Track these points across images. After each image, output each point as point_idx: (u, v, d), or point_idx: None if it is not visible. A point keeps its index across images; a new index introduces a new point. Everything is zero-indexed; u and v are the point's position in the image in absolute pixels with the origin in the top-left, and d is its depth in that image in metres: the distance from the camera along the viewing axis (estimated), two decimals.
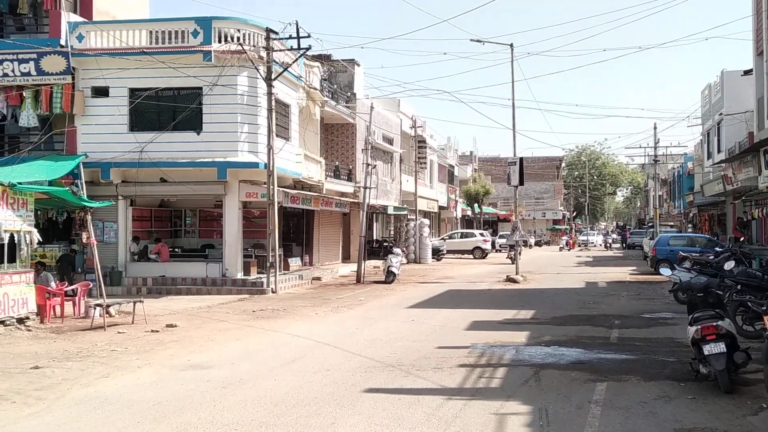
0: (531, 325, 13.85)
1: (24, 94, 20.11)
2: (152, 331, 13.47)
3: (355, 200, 29.74)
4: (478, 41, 28.20)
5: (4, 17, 21.11)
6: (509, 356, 10.44)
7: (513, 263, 26.79)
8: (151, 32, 20.56)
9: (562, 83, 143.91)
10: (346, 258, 32.33)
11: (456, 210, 58.73)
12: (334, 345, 11.60)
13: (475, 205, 58.68)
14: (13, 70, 19.89)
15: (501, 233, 58.04)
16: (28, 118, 20.23)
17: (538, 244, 63.04)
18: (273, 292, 20.37)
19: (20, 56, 19.82)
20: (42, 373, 9.70)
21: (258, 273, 21.63)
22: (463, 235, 44.97)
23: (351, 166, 31.39)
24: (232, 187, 20.81)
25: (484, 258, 41.21)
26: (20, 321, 13.80)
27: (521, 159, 26.09)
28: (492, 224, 68.78)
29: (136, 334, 13.20)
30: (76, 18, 20.62)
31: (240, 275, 21.02)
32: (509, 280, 23.86)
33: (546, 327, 13.46)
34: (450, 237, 44.65)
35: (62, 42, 19.86)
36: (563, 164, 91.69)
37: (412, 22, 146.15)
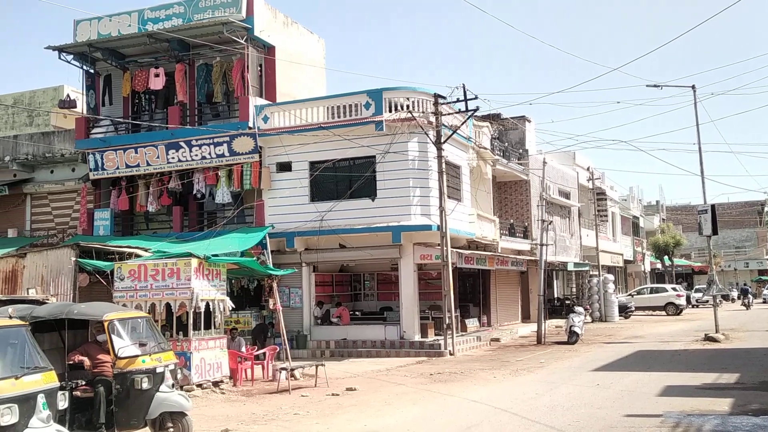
0: (735, 390, 12.40)
1: (219, 173, 22.14)
2: (333, 394, 13.80)
3: (532, 258, 28.97)
4: (655, 86, 26.77)
5: (202, 106, 23.57)
6: (709, 427, 9.37)
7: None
8: (327, 108, 21.89)
9: (754, 122, 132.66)
10: (525, 318, 31.39)
11: (644, 263, 55.18)
12: (512, 411, 11.13)
13: (665, 257, 54.76)
14: (209, 153, 22.02)
15: (697, 287, 53.42)
16: (222, 195, 22.18)
17: (745, 297, 57.13)
18: (450, 354, 20.17)
19: (215, 140, 21.94)
20: None
21: (435, 335, 21.59)
22: (653, 290, 41.95)
23: (526, 224, 30.77)
24: (407, 250, 21.17)
25: (678, 314, 38.04)
26: (215, 384, 14.78)
27: (713, 206, 24.03)
28: (686, 277, 63.70)
29: (318, 397, 13.58)
30: (261, 101, 22.51)
31: (417, 337, 21.10)
32: (708, 339, 21.72)
33: (754, 393, 11.98)
34: (638, 292, 41.85)
35: (250, 124, 21.71)
36: (765, 208, 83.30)
37: (580, 73, 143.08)
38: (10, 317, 8.25)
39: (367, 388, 14.54)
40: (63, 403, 7.88)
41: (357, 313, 23.72)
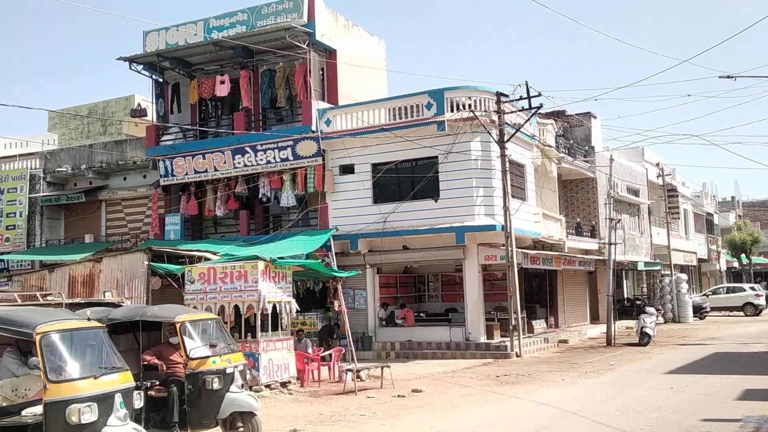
0: None
1: (283, 177, 22.48)
2: (399, 396, 13.80)
3: (601, 257, 28.29)
4: (728, 77, 25.72)
5: (266, 112, 24.01)
6: None
7: None
8: (388, 109, 21.95)
9: None
10: (594, 319, 30.67)
11: (719, 262, 53.12)
12: (582, 414, 10.89)
13: (742, 255, 52.59)
14: (274, 157, 22.40)
15: None
16: (287, 198, 22.52)
17: None
18: (517, 356, 19.89)
19: (279, 144, 22.31)
20: None
21: (501, 336, 21.33)
22: (729, 290, 40.31)
23: (593, 222, 30.08)
24: (471, 250, 21.00)
25: (757, 315, 36.44)
26: (283, 385, 15.01)
27: None
28: (765, 276, 60.96)
29: (384, 398, 13.61)
30: (324, 105, 22.76)
31: (483, 339, 20.90)
32: None
33: None
34: (714, 292, 40.29)
35: (313, 128, 21.97)
36: None
37: (648, 67, 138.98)
38: (89, 319, 8.57)
39: (433, 389, 14.48)
40: (138, 402, 8.13)
41: (421, 314, 23.69)
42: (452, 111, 20.91)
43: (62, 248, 25.38)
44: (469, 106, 20.85)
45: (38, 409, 7.31)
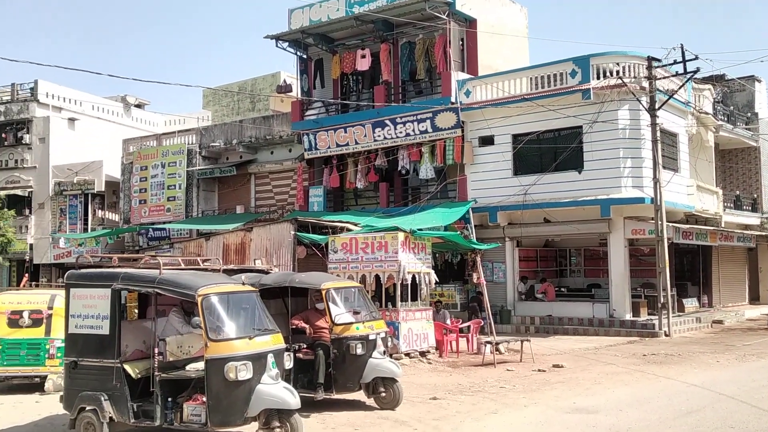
0: None
1: (422, 149, 22.58)
2: (539, 370, 13.60)
3: (763, 233, 26.16)
4: None
5: (405, 84, 24.14)
6: None
7: None
8: (530, 78, 21.35)
9: None
10: (753, 299, 28.48)
11: None
12: (740, 399, 10.19)
13: None
14: (413, 130, 22.53)
15: None
16: (426, 170, 22.62)
17: None
18: (666, 335, 18.92)
19: (419, 117, 22.39)
20: (439, 404, 10.49)
21: (648, 314, 20.35)
22: None
23: (755, 195, 27.80)
24: (617, 224, 20.12)
25: None
26: (422, 354, 15.24)
27: None
28: None
29: (524, 372, 13.46)
30: (464, 76, 22.51)
31: (628, 316, 20.04)
32: None
33: None
34: None
35: (452, 99, 21.83)
36: None
37: None
38: (243, 284, 9.12)
39: (575, 365, 14.13)
40: (289, 363, 8.57)
41: (562, 289, 23.10)
42: (598, 78, 19.98)
43: (216, 218, 27.07)
44: (617, 72, 19.83)
45: (200, 365, 7.91)
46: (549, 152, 20.81)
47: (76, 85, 62.23)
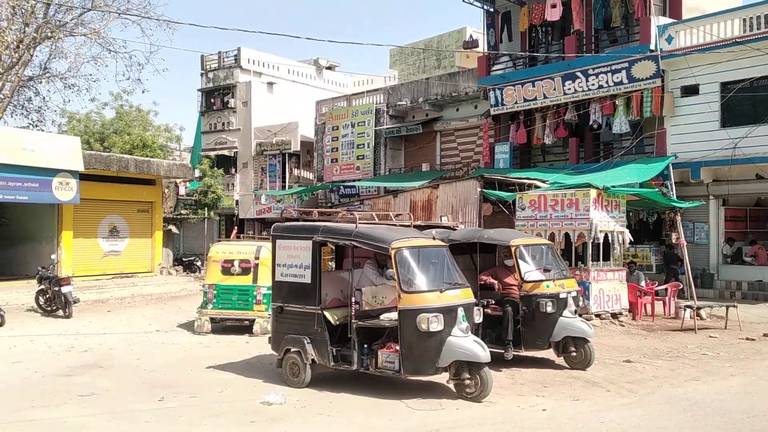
0: None
1: (616, 102, 21.31)
2: (747, 338, 12.54)
3: None
4: None
5: (599, 33, 22.81)
6: None
7: None
8: (744, 20, 19.23)
9: None
10: None
11: None
12: None
13: None
14: (607, 81, 21.29)
15: None
16: (620, 124, 21.35)
17: None
18: None
19: (613, 67, 21.08)
20: (633, 367, 10.06)
21: None
22: None
23: None
24: None
25: None
26: (613, 316, 14.66)
27: None
28: None
29: (729, 340, 12.49)
30: (665, 20, 20.79)
31: None
32: None
33: None
34: None
35: (651, 47, 20.28)
36: None
37: None
38: (434, 239, 9.28)
39: None
40: (478, 317, 8.64)
41: None
42: None
43: (402, 176, 27.70)
44: None
45: (393, 315, 8.23)
46: (764, 101, 18.71)
47: (273, 51, 66.25)
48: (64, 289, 15.66)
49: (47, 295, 16.24)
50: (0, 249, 21.83)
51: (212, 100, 36.95)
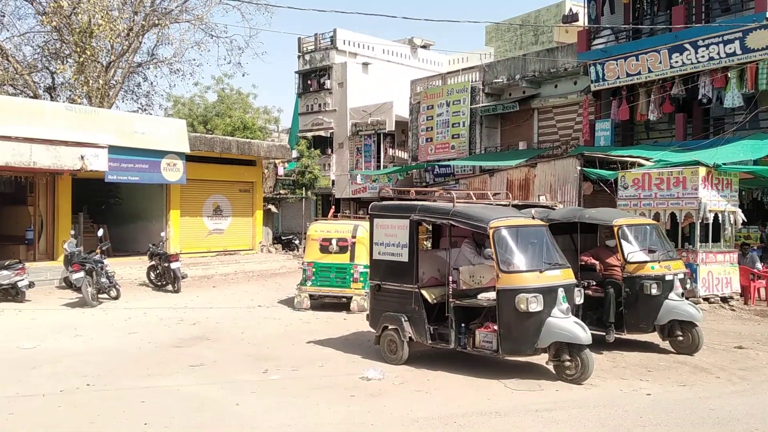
0: None
1: (728, 74, 20.10)
2: None
3: None
4: None
5: (709, 2, 21.52)
6: None
7: None
8: None
9: None
10: None
11: None
12: None
13: None
14: (718, 53, 20.09)
15: None
16: (732, 98, 20.12)
17: None
18: None
19: (725, 38, 19.85)
20: (745, 353, 9.58)
21: None
22: None
23: None
24: None
25: None
26: (723, 300, 13.97)
27: None
28: None
29: None
30: None
31: None
32: None
33: None
34: None
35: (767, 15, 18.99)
36: None
37: None
38: (533, 218, 9.12)
39: None
40: (579, 299, 8.44)
41: None
42: None
43: (498, 155, 27.29)
44: None
45: (491, 294, 8.16)
46: None
47: (368, 32, 66.54)
48: (173, 265, 16.49)
49: (158, 271, 17.16)
50: (114, 227, 23.18)
51: (309, 82, 37.61)
